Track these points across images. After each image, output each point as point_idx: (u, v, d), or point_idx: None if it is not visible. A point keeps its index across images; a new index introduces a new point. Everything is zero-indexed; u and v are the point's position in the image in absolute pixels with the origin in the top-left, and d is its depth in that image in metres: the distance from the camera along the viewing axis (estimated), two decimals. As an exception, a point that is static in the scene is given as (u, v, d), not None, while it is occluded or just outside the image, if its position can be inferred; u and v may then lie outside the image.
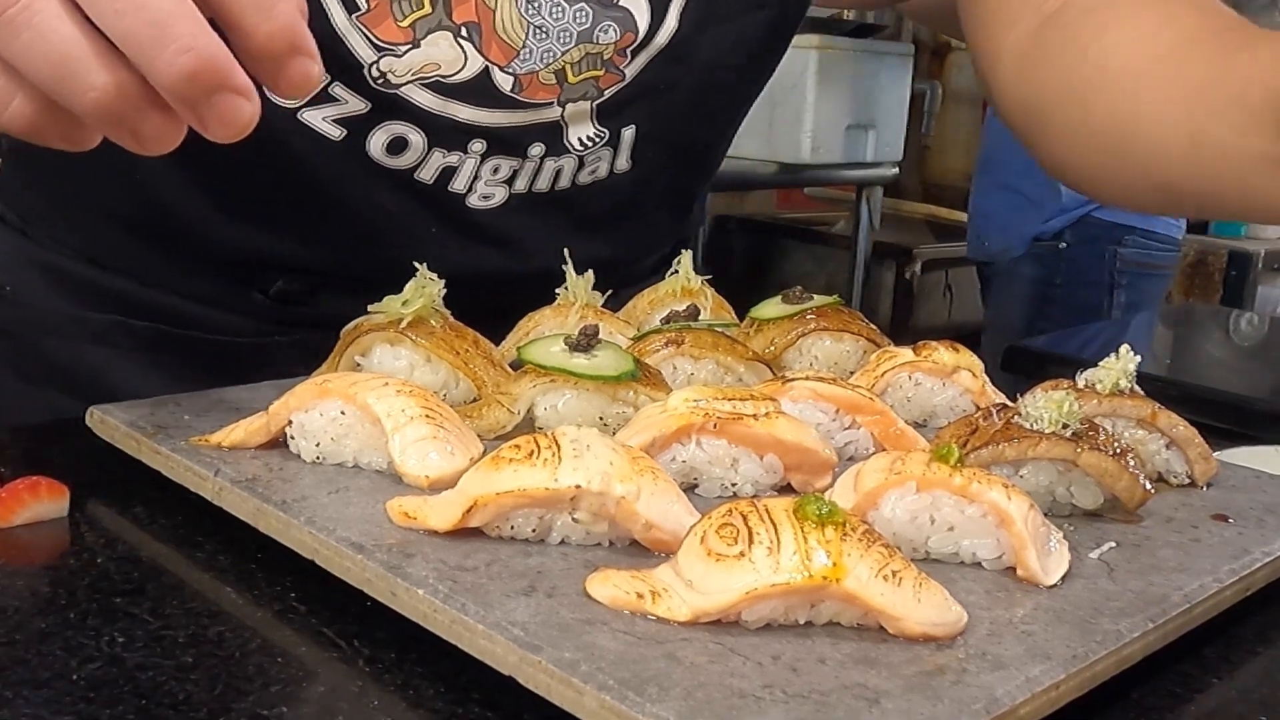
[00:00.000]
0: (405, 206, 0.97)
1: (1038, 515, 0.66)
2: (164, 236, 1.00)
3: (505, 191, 0.99)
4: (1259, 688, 0.63)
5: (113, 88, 0.51)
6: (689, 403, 0.73)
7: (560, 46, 0.93)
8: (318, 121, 0.92)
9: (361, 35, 0.89)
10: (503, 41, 0.91)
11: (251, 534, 0.67)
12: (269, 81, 0.54)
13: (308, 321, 1.01)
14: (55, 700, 0.53)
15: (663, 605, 0.57)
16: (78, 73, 0.51)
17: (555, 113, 0.96)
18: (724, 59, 1.01)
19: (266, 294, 1.01)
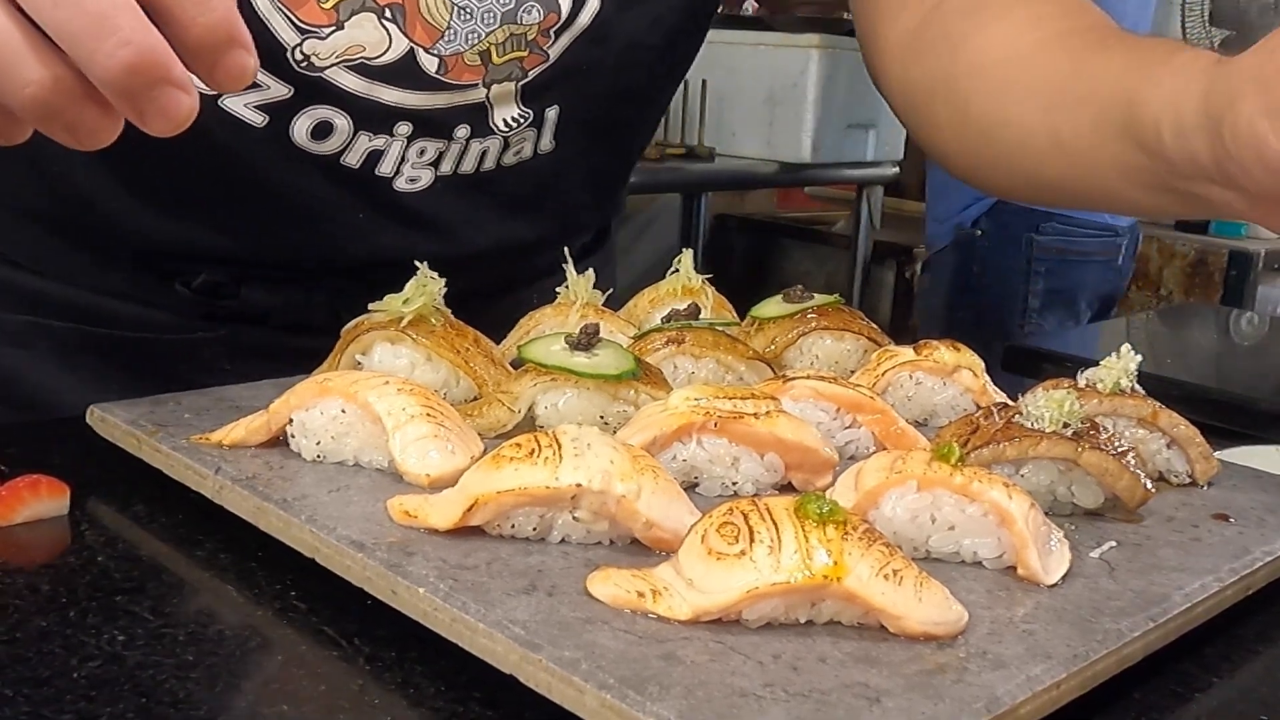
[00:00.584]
0: (332, 192, 0.96)
1: (1038, 514, 0.66)
2: (79, 231, 0.98)
3: (432, 174, 0.98)
4: (1259, 687, 0.63)
5: (49, 81, 0.50)
6: (690, 401, 0.73)
7: (485, 28, 0.93)
8: (239, 108, 0.90)
9: (284, 18, 0.87)
10: (427, 23, 0.91)
11: (252, 532, 0.67)
12: (204, 75, 0.53)
13: (234, 315, 1.00)
14: (56, 699, 0.53)
15: (663, 604, 0.57)
16: (13, 66, 0.49)
17: (480, 94, 0.95)
18: (643, 38, 1.02)
19: (189, 287, 0.99)
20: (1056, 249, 2.57)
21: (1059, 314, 2.62)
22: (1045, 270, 2.58)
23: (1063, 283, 2.60)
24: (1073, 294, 2.62)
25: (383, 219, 0.98)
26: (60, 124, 0.52)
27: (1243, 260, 3.36)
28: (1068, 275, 2.60)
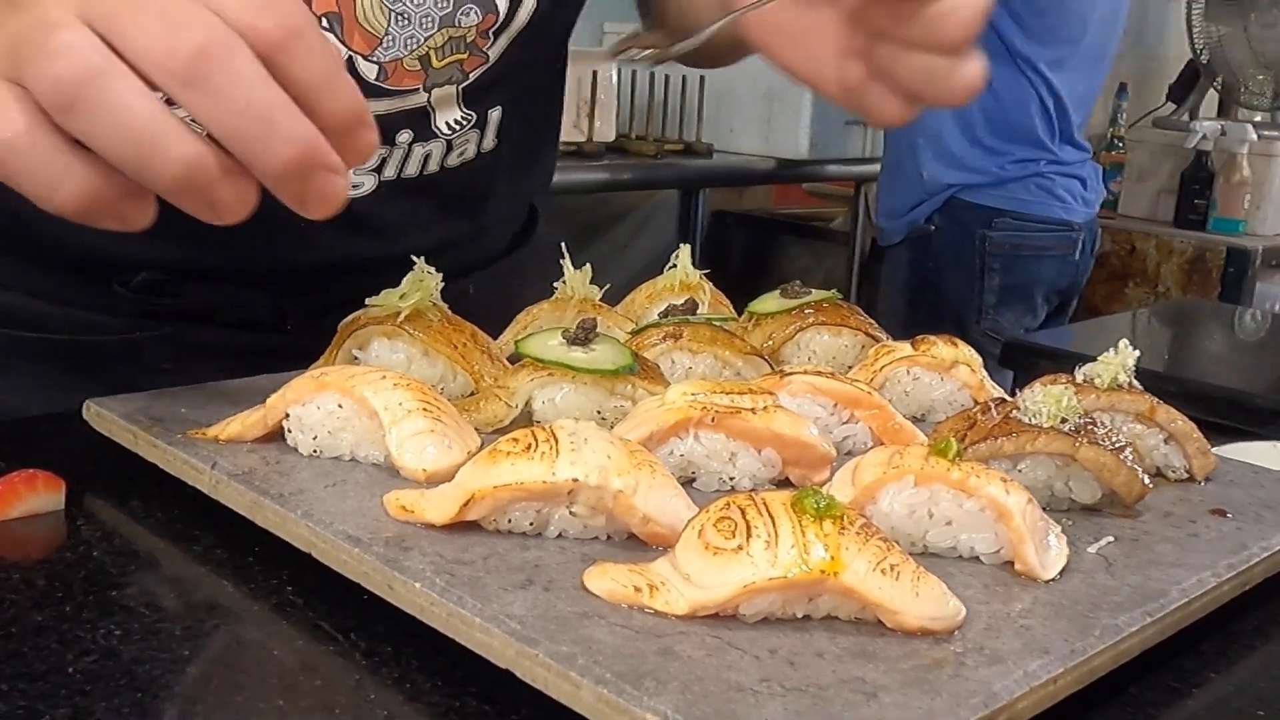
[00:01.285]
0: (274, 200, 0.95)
1: (1036, 510, 0.66)
2: (9, 239, 0.95)
3: (375, 179, 0.98)
4: (1256, 682, 0.63)
5: (195, 159, 0.52)
6: (687, 397, 0.73)
7: (423, 32, 0.92)
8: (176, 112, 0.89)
9: None
10: (365, 30, 0.91)
11: (248, 527, 0.67)
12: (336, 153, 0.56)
13: (175, 314, 0.98)
14: (51, 693, 0.53)
15: (660, 599, 0.57)
16: (162, 145, 0.52)
17: (422, 99, 0.95)
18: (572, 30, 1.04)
19: (128, 286, 0.97)
20: (1010, 245, 2.59)
21: (1016, 309, 2.63)
22: (1000, 266, 2.59)
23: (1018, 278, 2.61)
24: (1029, 289, 2.63)
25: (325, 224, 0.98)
26: (202, 200, 0.54)
27: (1240, 257, 3.36)
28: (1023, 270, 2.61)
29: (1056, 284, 2.67)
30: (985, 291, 2.60)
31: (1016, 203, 2.57)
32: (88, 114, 0.52)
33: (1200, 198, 3.50)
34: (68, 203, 0.55)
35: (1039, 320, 2.67)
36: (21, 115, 0.53)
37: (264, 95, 0.53)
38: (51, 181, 0.54)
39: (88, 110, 0.51)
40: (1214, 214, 3.49)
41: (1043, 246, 2.61)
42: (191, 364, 0.91)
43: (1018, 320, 2.62)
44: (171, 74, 0.52)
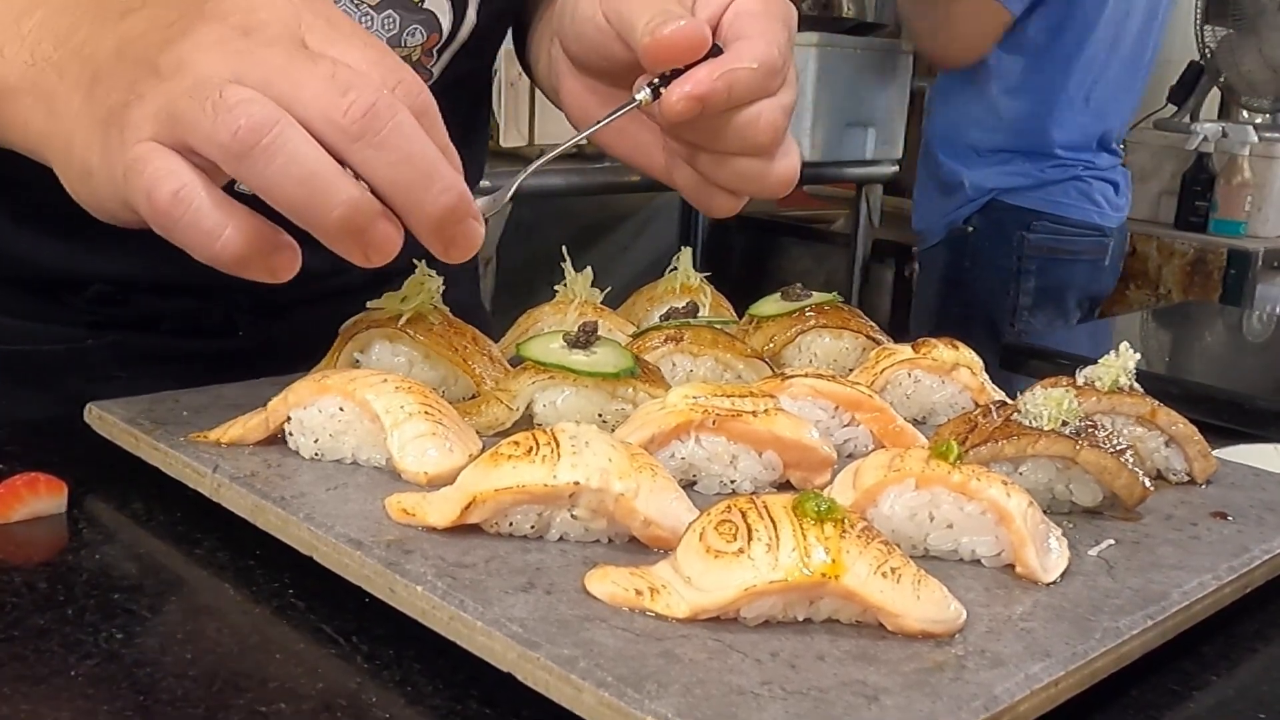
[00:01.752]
0: None
1: (1037, 512, 0.66)
2: None
3: None
4: (1258, 685, 0.63)
5: (359, 202, 0.57)
6: (688, 400, 0.73)
7: None
8: None
9: None
10: None
11: (250, 530, 0.67)
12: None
13: (124, 322, 0.98)
14: (53, 697, 0.53)
15: (661, 602, 0.57)
16: (326, 191, 0.56)
17: None
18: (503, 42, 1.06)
19: (79, 297, 0.96)
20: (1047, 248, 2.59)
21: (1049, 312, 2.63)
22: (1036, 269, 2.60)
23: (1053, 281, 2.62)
24: (1062, 293, 2.63)
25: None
26: (359, 242, 0.58)
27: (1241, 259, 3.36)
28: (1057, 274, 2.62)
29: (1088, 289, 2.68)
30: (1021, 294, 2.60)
31: (1056, 205, 2.58)
32: (265, 161, 0.55)
33: (1201, 199, 3.50)
34: (226, 252, 0.58)
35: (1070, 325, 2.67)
36: (186, 170, 0.57)
37: (426, 149, 0.58)
38: (212, 232, 0.58)
39: (266, 157, 0.55)
40: (1215, 216, 3.48)
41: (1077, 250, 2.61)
42: (142, 371, 0.91)
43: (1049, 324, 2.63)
44: (342, 130, 0.56)
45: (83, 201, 0.64)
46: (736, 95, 0.72)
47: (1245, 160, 3.45)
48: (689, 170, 0.79)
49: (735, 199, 0.79)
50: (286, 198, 0.57)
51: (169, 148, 0.57)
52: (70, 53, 0.64)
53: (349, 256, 0.59)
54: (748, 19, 0.74)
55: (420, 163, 0.58)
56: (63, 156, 0.64)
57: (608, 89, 0.84)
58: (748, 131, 0.74)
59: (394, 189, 0.58)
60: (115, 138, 0.59)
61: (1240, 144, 3.45)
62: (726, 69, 0.71)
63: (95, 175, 0.61)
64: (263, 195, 0.57)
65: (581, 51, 0.83)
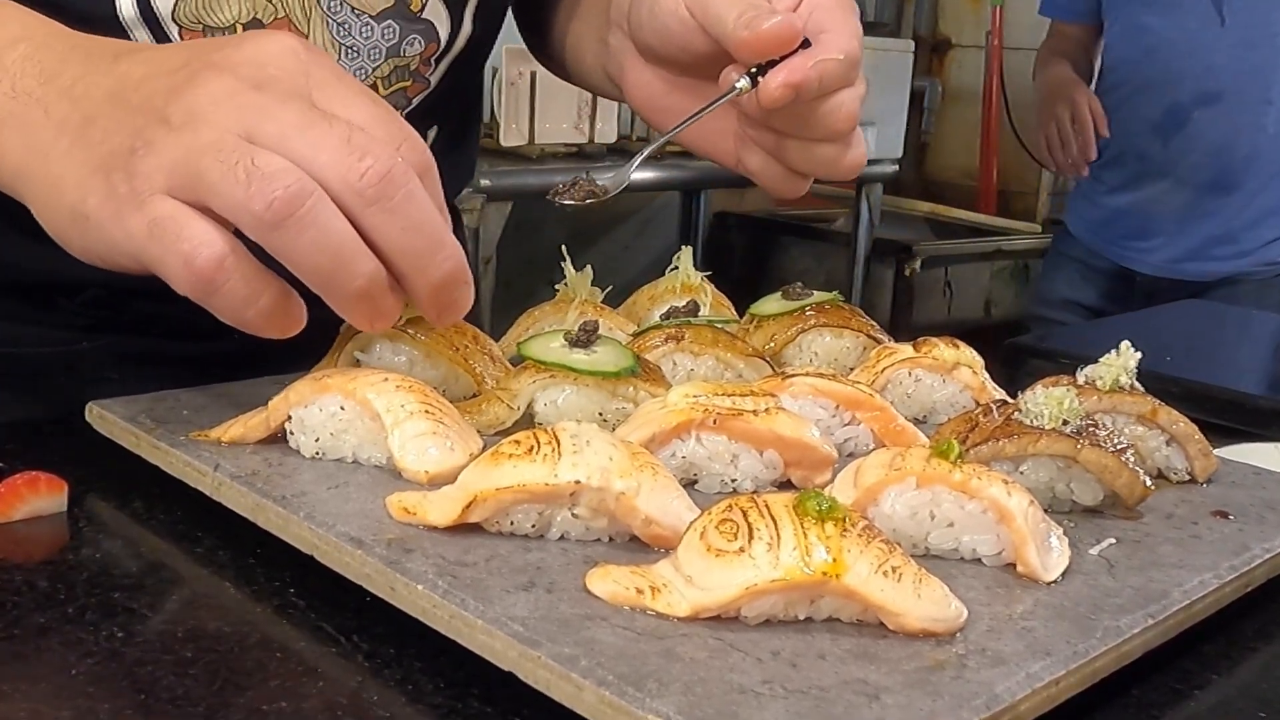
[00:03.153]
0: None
1: (1038, 511, 0.66)
2: None
3: None
4: (1259, 684, 0.63)
5: (376, 274, 0.59)
6: (689, 398, 0.73)
7: (371, 63, 0.95)
8: None
9: None
10: None
11: (250, 529, 0.67)
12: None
13: (118, 326, 0.98)
14: (54, 695, 0.53)
15: (662, 601, 0.57)
16: (350, 263, 0.59)
17: None
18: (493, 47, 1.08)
19: (75, 300, 0.96)
20: None
21: None
22: None
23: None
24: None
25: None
26: (370, 309, 0.61)
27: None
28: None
29: None
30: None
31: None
32: (297, 233, 0.57)
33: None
34: (259, 316, 0.60)
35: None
36: (223, 238, 0.58)
37: (434, 217, 0.60)
38: (248, 299, 0.60)
39: (298, 229, 0.57)
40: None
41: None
42: (136, 373, 0.91)
43: None
44: (358, 194, 0.58)
45: (66, 241, 0.64)
46: (825, 85, 0.77)
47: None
48: (760, 155, 0.84)
49: (805, 181, 0.84)
50: (313, 268, 0.59)
51: (189, 205, 0.58)
52: (58, 91, 0.64)
53: (354, 321, 0.62)
54: (826, 12, 0.79)
55: (429, 230, 0.60)
56: (46, 196, 0.64)
57: (677, 78, 0.88)
58: (830, 119, 0.79)
59: (402, 255, 0.60)
60: (122, 186, 0.59)
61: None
62: (818, 59, 0.76)
63: (91, 220, 0.61)
64: (287, 263, 0.58)
65: (659, 43, 0.85)
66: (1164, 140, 2.41)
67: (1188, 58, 2.34)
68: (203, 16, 0.87)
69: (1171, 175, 2.42)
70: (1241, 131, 2.34)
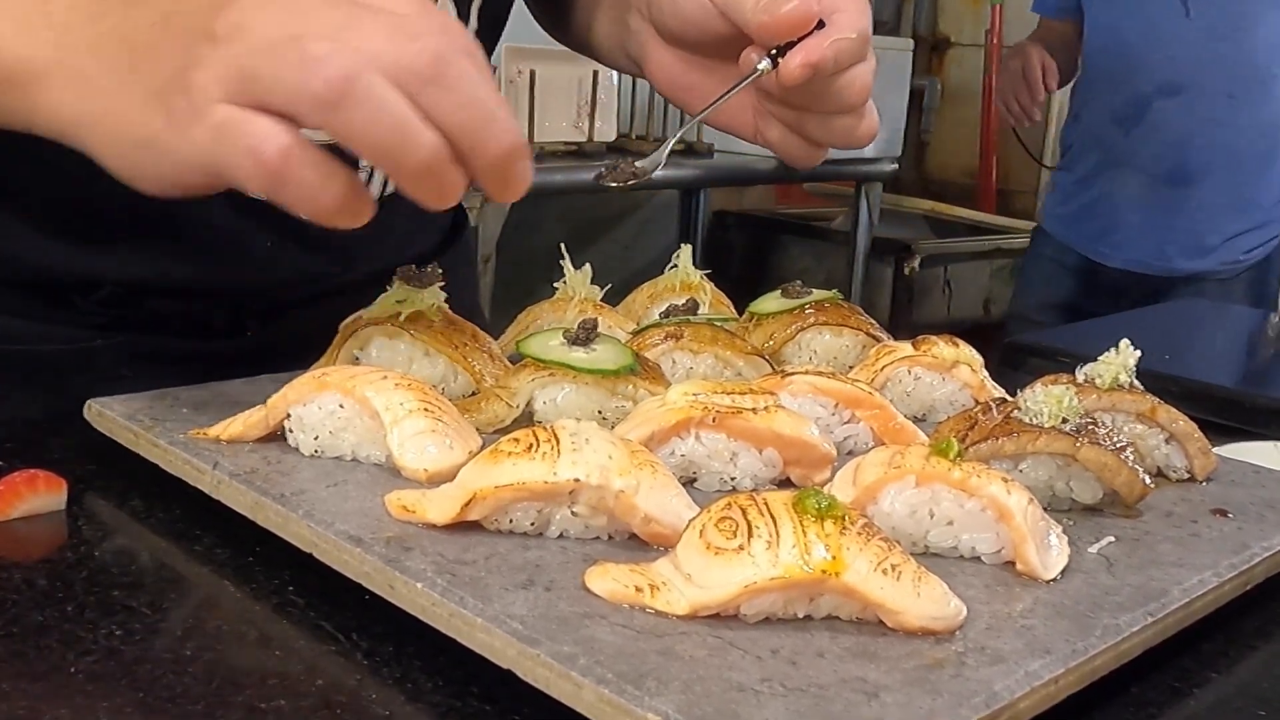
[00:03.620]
0: (243, 224, 0.97)
1: (1037, 510, 0.66)
2: None
3: None
4: (1258, 682, 0.63)
5: (439, 146, 0.59)
6: (688, 397, 0.73)
7: None
8: None
9: None
10: None
11: (250, 527, 0.67)
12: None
13: (133, 324, 0.98)
14: (53, 693, 0.53)
15: (661, 599, 0.57)
16: (414, 135, 0.58)
17: None
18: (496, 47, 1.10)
19: (89, 300, 0.97)
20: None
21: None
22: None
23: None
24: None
25: (288, 244, 1.00)
26: (436, 185, 0.60)
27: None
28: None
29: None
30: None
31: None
32: (354, 108, 0.57)
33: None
34: (328, 204, 0.60)
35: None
36: (285, 128, 0.58)
37: (489, 92, 0.60)
38: (317, 185, 0.59)
39: (355, 105, 0.57)
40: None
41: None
42: (149, 371, 0.91)
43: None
44: (415, 74, 0.58)
45: (134, 175, 0.64)
46: (840, 62, 0.80)
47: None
48: (779, 128, 0.88)
49: (821, 151, 0.89)
50: (375, 143, 0.58)
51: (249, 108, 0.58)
52: (103, 33, 0.64)
53: (424, 200, 0.61)
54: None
55: (484, 105, 0.60)
56: (105, 134, 0.64)
57: (698, 59, 0.92)
58: (846, 93, 0.83)
59: (461, 131, 0.59)
60: (180, 104, 0.60)
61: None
62: (833, 39, 0.79)
63: (158, 143, 0.61)
64: (349, 142, 0.58)
65: (680, 26, 0.89)
66: (1126, 130, 2.42)
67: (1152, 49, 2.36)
68: None
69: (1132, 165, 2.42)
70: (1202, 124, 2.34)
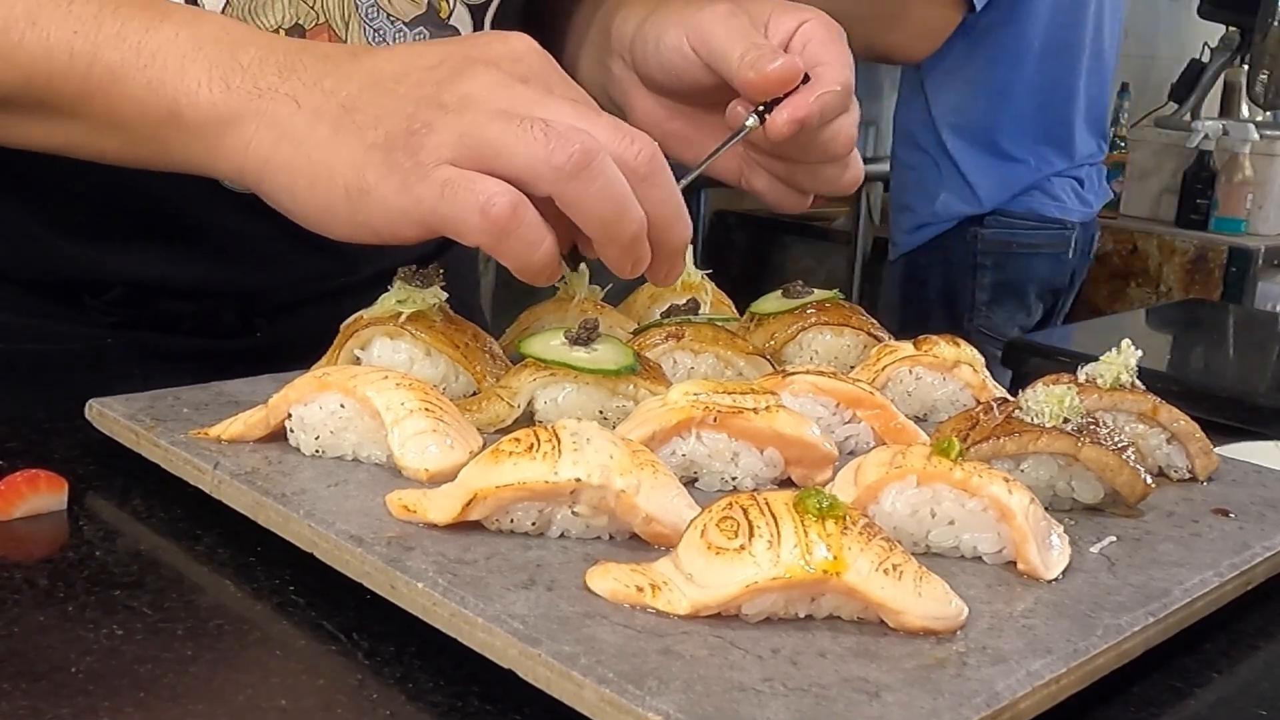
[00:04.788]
0: (255, 225, 0.96)
1: (1038, 509, 0.66)
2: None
3: None
4: (1259, 682, 0.63)
5: (643, 223, 0.67)
6: (689, 396, 0.73)
7: None
8: None
9: None
10: None
11: (251, 527, 0.67)
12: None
13: (142, 324, 0.99)
14: (54, 693, 0.53)
15: (662, 599, 0.57)
16: (628, 210, 0.67)
17: None
18: None
19: (102, 298, 0.97)
20: (1000, 242, 2.57)
21: (1008, 307, 2.61)
22: (991, 264, 2.58)
23: (1010, 275, 2.60)
24: (1021, 286, 2.62)
25: (299, 246, 0.99)
26: (636, 255, 0.69)
27: (1242, 257, 3.36)
28: (1015, 268, 2.60)
29: (1049, 282, 2.66)
30: (978, 289, 2.59)
31: (1006, 201, 2.57)
32: (589, 181, 0.65)
33: (1202, 197, 3.50)
34: (541, 260, 0.66)
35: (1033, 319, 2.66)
36: (511, 188, 0.65)
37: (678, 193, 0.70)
38: (534, 244, 0.66)
39: (590, 179, 0.65)
40: (1216, 214, 3.48)
41: (1035, 244, 2.60)
42: (158, 370, 0.92)
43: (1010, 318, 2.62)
44: (633, 168, 0.67)
45: (327, 220, 0.69)
46: (826, 115, 0.83)
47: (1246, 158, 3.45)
48: (765, 177, 0.91)
49: (806, 198, 0.91)
50: (598, 214, 0.66)
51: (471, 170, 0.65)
52: (303, 84, 0.69)
53: (620, 266, 0.70)
54: (820, 46, 0.85)
55: (677, 203, 0.70)
56: (304, 180, 0.69)
57: (679, 106, 0.94)
58: (831, 145, 0.86)
59: (658, 220, 0.68)
60: (405, 161, 0.65)
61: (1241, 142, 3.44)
62: (818, 94, 0.82)
63: (372, 194, 0.67)
64: (575, 211, 0.66)
65: (662, 75, 0.92)
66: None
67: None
68: (249, 19, 0.89)
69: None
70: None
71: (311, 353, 0.88)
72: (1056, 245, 2.61)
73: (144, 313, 0.99)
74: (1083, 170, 2.63)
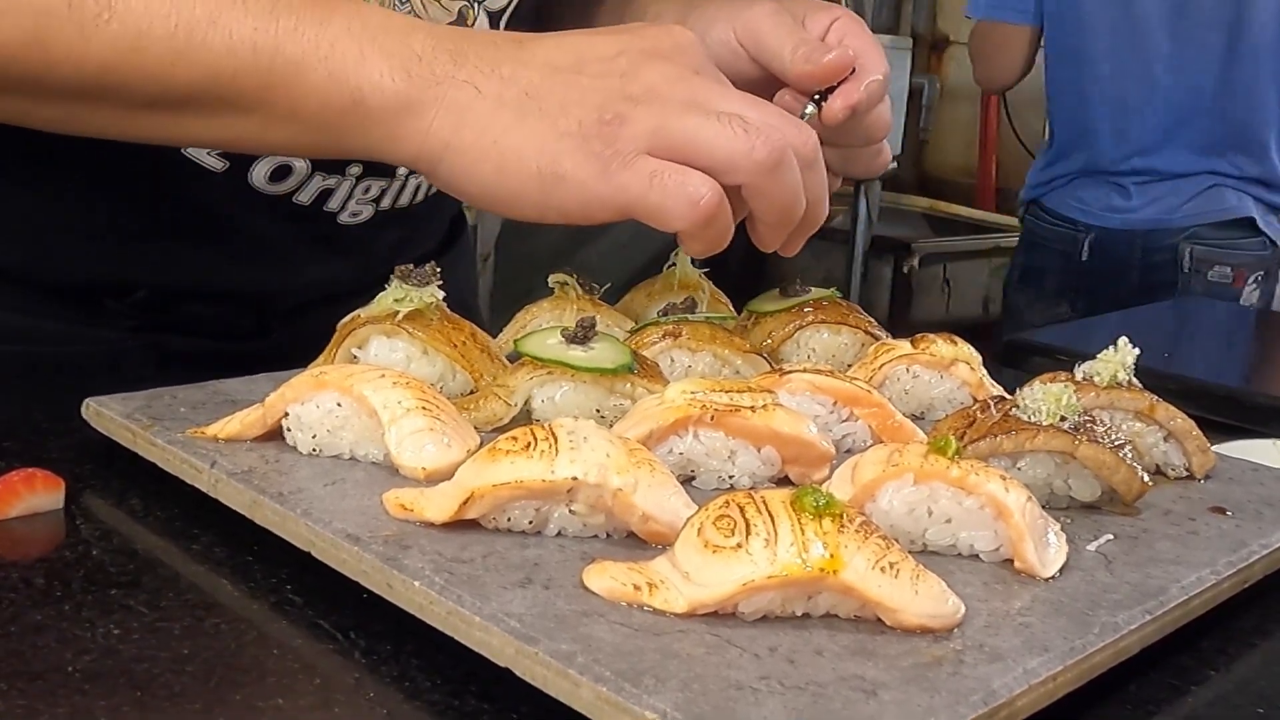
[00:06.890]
0: (280, 228, 0.99)
1: (1035, 507, 0.66)
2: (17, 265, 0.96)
3: (372, 209, 1.02)
4: (1256, 680, 0.63)
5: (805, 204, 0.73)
6: (686, 395, 0.73)
7: None
8: (202, 156, 0.92)
9: None
10: None
11: (248, 526, 0.67)
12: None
13: (162, 326, 0.99)
14: (50, 692, 0.52)
15: (659, 597, 0.57)
16: (799, 199, 0.72)
17: None
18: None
19: (123, 302, 0.98)
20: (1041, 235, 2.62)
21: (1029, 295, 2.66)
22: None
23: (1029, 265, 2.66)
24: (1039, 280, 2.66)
25: (320, 248, 1.02)
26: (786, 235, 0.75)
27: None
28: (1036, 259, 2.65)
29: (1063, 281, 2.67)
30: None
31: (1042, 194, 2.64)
32: (782, 174, 0.70)
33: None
34: (724, 245, 0.71)
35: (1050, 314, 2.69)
36: (714, 183, 0.68)
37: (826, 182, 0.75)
38: (728, 231, 0.70)
39: (783, 172, 0.70)
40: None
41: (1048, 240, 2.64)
42: (174, 372, 0.92)
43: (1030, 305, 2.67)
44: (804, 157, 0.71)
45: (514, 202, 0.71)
46: (872, 102, 0.89)
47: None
48: None
49: (837, 180, 0.94)
50: (780, 204, 0.71)
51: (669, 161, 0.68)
52: (480, 72, 0.71)
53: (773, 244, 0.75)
54: (857, 39, 0.90)
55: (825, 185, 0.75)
56: (493, 163, 0.71)
57: None
58: (873, 128, 0.91)
59: (814, 200, 0.73)
60: (604, 149, 0.69)
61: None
62: (865, 82, 0.87)
63: (567, 179, 0.69)
64: (761, 199, 0.70)
65: None
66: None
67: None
68: None
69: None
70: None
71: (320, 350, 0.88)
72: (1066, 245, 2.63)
73: (165, 316, 1.00)
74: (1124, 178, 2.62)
